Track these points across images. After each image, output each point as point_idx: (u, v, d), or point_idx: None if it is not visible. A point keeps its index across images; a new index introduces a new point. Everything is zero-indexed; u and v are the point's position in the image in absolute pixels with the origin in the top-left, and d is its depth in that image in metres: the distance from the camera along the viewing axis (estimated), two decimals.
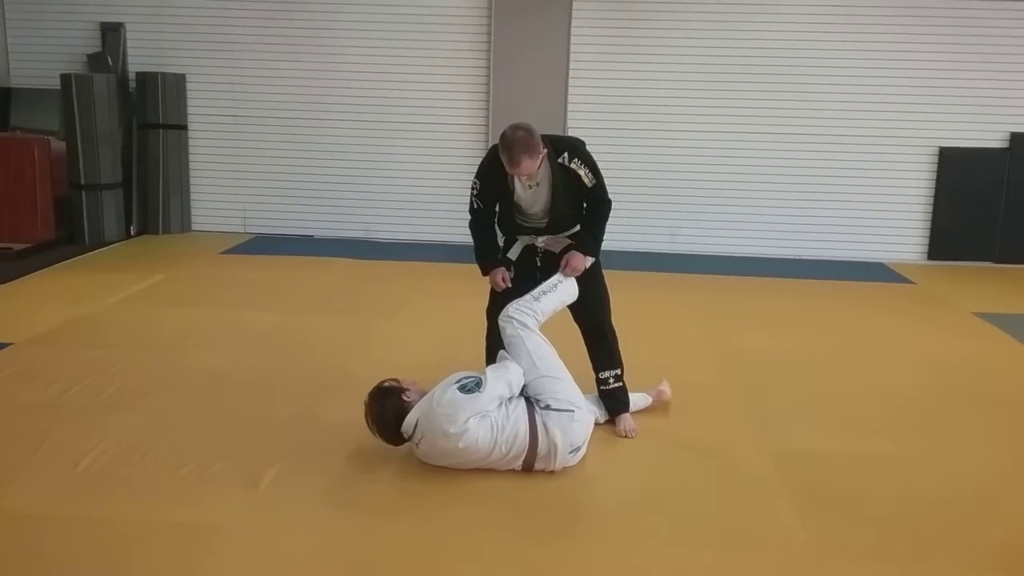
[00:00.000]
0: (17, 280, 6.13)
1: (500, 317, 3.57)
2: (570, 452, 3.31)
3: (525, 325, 3.48)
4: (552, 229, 3.74)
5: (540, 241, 3.78)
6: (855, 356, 5.04)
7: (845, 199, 7.84)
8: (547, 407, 3.30)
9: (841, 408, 4.18)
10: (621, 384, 3.82)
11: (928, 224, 7.85)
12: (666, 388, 4.07)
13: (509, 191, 3.64)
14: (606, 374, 3.80)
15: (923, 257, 7.87)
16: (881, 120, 7.70)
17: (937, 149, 7.71)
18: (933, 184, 7.78)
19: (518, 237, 3.83)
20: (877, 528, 3.02)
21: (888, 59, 7.60)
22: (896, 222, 7.88)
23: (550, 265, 3.77)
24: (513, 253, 3.83)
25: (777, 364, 4.83)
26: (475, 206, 3.73)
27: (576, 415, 3.31)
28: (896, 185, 7.81)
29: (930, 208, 7.82)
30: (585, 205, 3.74)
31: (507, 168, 3.48)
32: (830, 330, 5.60)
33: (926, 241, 7.87)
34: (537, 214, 3.71)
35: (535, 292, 3.61)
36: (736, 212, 7.91)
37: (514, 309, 3.54)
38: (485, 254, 3.80)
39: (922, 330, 5.67)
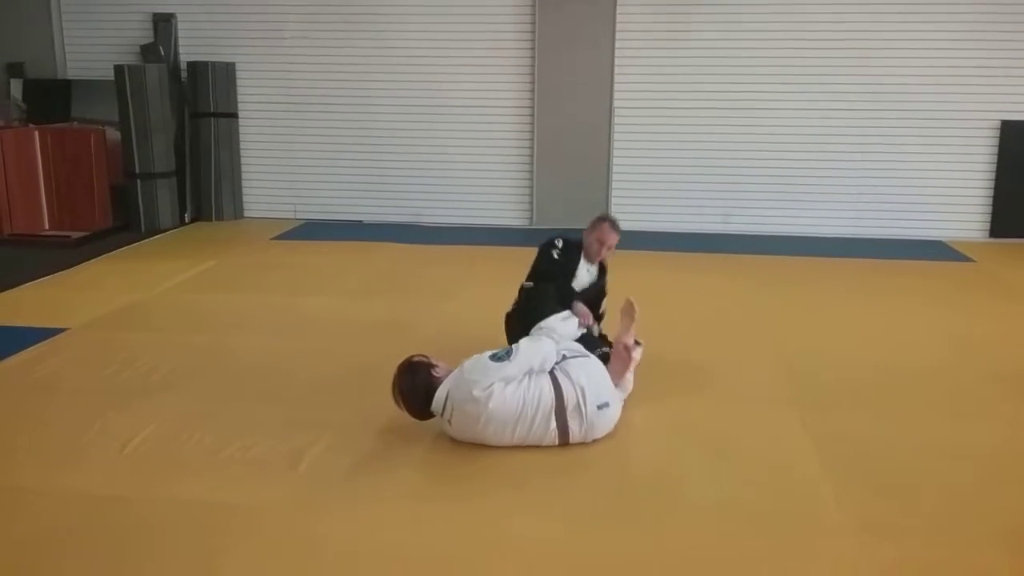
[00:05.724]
0: (75, 268, 6.28)
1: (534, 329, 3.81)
2: (599, 406, 3.32)
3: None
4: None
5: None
6: (909, 337, 4.90)
7: (903, 176, 7.62)
8: (563, 358, 3.43)
9: (890, 390, 4.07)
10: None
11: (990, 201, 7.60)
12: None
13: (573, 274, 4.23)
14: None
15: (984, 235, 7.62)
16: (940, 94, 7.46)
17: (999, 123, 7.46)
18: (995, 159, 7.53)
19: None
20: (918, 510, 2.95)
21: (947, 30, 7.35)
22: (956, 199, 7.64)
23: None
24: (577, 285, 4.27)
25: (827, 345, 4.72)
26: (555, 257, 4.21)
27: (592, 359, 3.47)
28: (956, 161, 7.57)
29: (991, 184, 7.56)
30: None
31: (604, 237, 4.20)
32: (884, 310, 5.45)
33: (988, 218, 7.61)
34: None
35: (566, 348, 3.57)
36: (789, 191, 7.75)
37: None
38: (561, 301, 4.09)
39: (981, 310, 5.49)
